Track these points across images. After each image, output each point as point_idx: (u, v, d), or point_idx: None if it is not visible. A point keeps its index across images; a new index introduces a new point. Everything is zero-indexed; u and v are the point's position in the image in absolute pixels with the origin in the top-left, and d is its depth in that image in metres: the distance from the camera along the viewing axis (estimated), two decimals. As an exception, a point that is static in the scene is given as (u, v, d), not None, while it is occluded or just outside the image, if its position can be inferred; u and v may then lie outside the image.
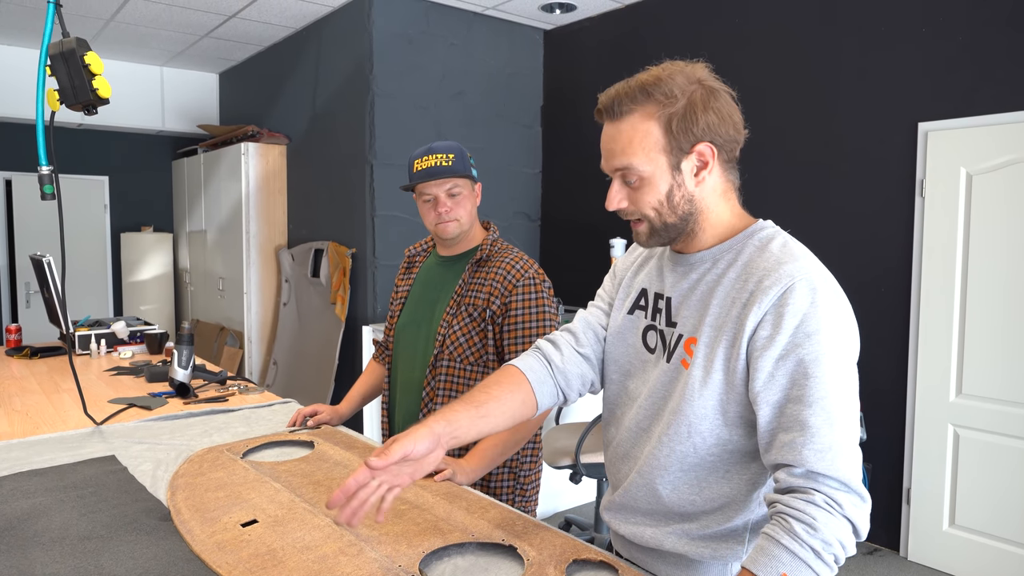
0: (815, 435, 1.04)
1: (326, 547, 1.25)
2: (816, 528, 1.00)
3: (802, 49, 3.92)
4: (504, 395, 1.28)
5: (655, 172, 1.15)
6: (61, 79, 1.74)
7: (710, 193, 1.18)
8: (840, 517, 1.01)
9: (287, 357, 5.55)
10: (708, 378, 1.15)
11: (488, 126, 5.13)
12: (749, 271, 1.14)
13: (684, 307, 1.21)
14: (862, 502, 1.03)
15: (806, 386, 1.06)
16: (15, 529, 1.34)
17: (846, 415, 1.06)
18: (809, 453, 1.03)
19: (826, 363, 1.06)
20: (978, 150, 3.32)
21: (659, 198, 1.16)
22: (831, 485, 1.02)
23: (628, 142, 1.15)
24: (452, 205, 1.93)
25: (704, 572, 1.22)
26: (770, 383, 1.08)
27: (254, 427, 2.10)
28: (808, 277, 1.09)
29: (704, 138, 1.14)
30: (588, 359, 1.37)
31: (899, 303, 3.61)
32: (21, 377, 2.87)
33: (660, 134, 1.14)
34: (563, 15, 5.01)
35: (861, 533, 1.03)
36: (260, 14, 5.01)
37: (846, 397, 1.07)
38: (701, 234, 1.21)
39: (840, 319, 1.09)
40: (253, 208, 5.68)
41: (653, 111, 1.14)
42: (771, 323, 1.08)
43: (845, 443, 1.04)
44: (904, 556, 3.61)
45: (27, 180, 6.52)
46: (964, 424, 3.41)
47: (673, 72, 1.15)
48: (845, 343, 1.09)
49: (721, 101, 1.15)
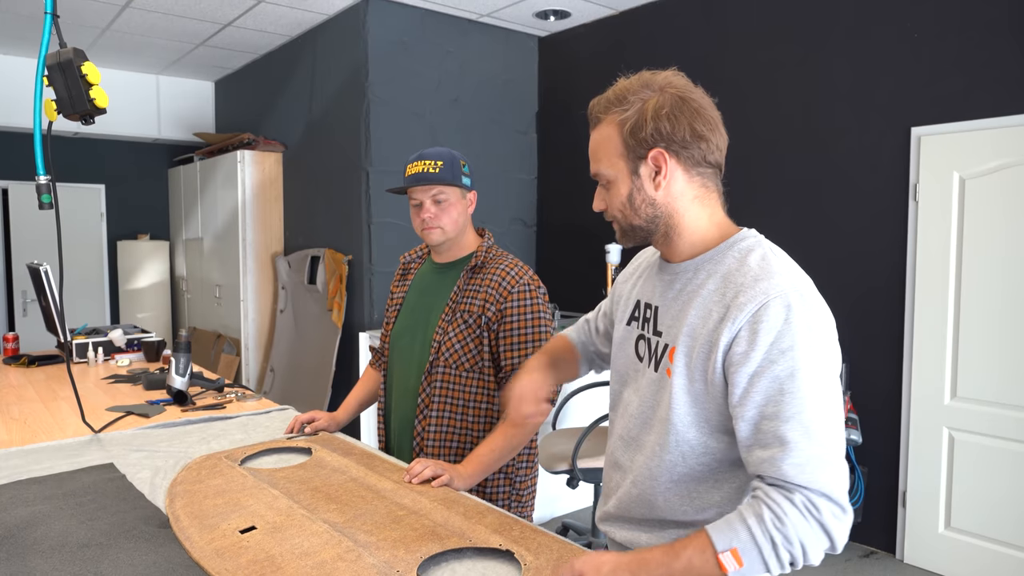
0: (793, 450, 1.04)
1: (324, 553, 1.25)
2: (784, 523, 1.02)
3: (795, 54, 3.95)
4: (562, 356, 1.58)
5: (617, 176, 1.21)
6: (58, 89, 1.75)
7: (679, 198, 1.20)
8: (814, 522, 1.02)
9: (284, 364, 5.55)
10: (689, 387, 1.17)
11: (483, 132, 5.14)
12: (727, 284, 1.15)
13: (668, 316, 1.23)
14: (843, 514, 1.04)
15: (781, 402, 1.06)
16: (14, 537, 1.34)
17: (825, 428, 1.05)
18: (788, 467, 1.04)
19: (801, 378, 1.06)
20: (971, 154, 3.34)
21: (622, 200, 1.22)
22: (811, 493, 1.03)
23: (597, 148, 1.24)
24: (436, 212, 1.94)
25: None
26: (745, 399, 1.09)
27: (252, 434, 2.10)
28: (783, 294, 1.09)
29: (656, 144, 1.16)
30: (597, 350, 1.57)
31: (893, 307, 3.63)
32: (19, 385, 2.87)
33: (618, 141, 1.20)
34: (557, 22, 5.04)
35: (836, 545, 1.04)
36: (255, 22, 5.02)
37: (824, 411, 1.06)
38: (679, 240, 1.23)
39: (815, 334, 1.08)
40: (249, 215, 5.68)
41: (614, 119, 1.20)
42: (746, 339, 1.09)
43: (826, 455, 1.04)
44: (900, 559, 3.62)
45: (24, 189, 6.52)
46: (959, 427, 3.42)
47: (635, 82, 1.20)
48: (821, 358, 1.08)
49: (684, 108, 1.16)
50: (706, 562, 1.04)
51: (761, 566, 1.03)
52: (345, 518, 1.41)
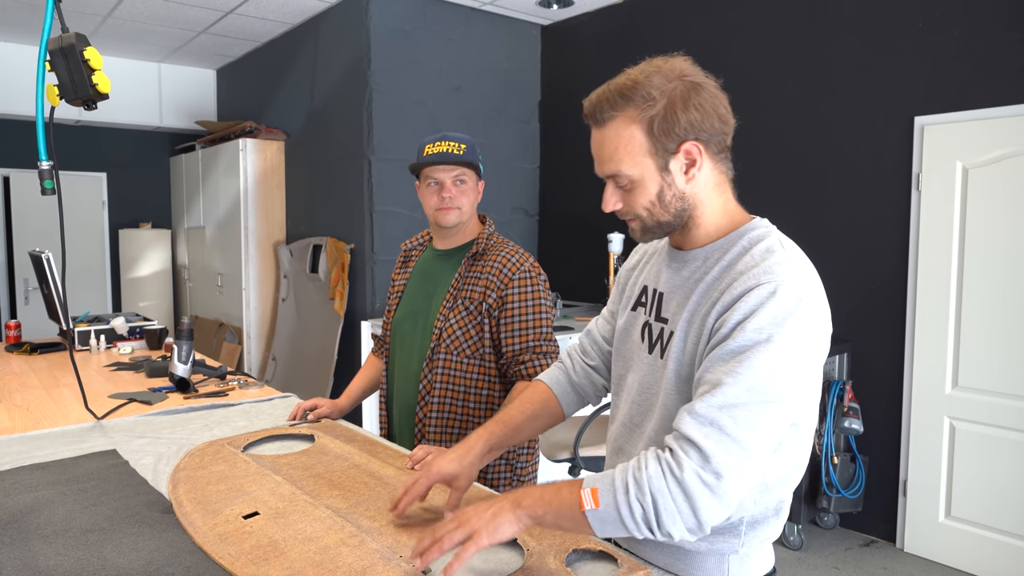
0: (711, 396, 1.03)
1: (327, 538, 1.26)
2: (641, 471, 1.03)
3: (799, 43, 3.93)
4: (537, 412, 1.48)
5: (644, 175, 1.15)
6: (61, 74, 1.74)
7: (703, 187, 1.18)
8: (671, 478, 1.01)
9: (286, 352, 5.56)
10: (682, 372, 1.17)
11: (486, 121, 5.13)
12: (727, 272, 1.14)
13: (672, 302, 1.22)
14: (714, 480, 1.00)
15: (740, 363, 1.04)
16: (18, 522, 1.35)
17: (753, 410, 1.02)
18: (694, 407, 1.03)
19: (763, 354, 1.03)
20: (974, 144, 3.33)
21: (650, 199, 1.17)
22: (685, 446, 1.02)
23: (614, 149, 1.15)
24: (456, 192, 1.94)
25: (702, 563, 1.22)
26: (707, 362, 1.08)
27: (254, 421, 2.11)
28: (772, 282, 1.06)
29: (688, 136, 1.12)
30: (597, 369, 1.49)
31: (895, 296, 3.62)
32: (21, 373, 2.88)
33: (643, 138, 1.13)
34: (560, 10, 5.01)
35: (699, 513, 1.00)
36: (257, 10, 5.00)
37: (766, 395, 1.03)
38: (696, 229, 1.21)
39: (793, 323, 1.05)
40: (251, 204, 5.68)
41: (634, 115, 1.13)
42: (724, 320, 1.08)
43: (731, 428, 1.01)
44: (900, 548, 3.63)
45: (25, 176, 6.52)
46: (960, 416, 3.43)
47: (650, 72, 1.13)
48: (790, 344, 1.04)
49: (704, 95, 1.13)
50: (572, 494, 1.07)
51: (615, 513, 1.03)
52: (348, 504, 1.41)
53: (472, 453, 1.40)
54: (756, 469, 1.04)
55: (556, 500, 1.09)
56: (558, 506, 1.08)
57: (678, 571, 1.24)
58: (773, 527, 1.21)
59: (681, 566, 1.24)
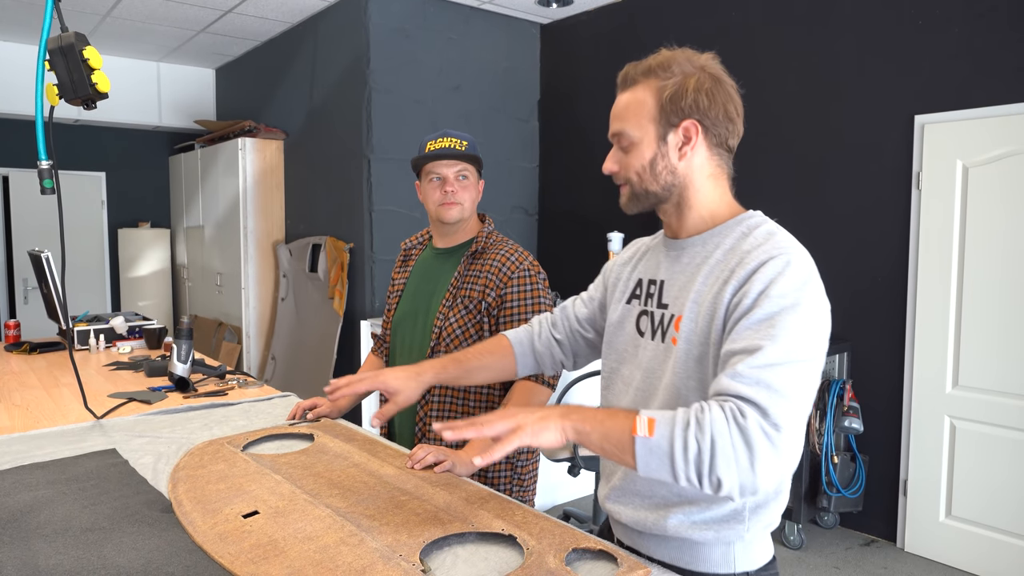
0: (757, 356, 1.05)
1: (327, 537, 1.26)
2: (704, 413, 1.03)
3: (799, 42, 3.93)
4: (491, 363, 1.58)
5: (643, 139, 1.24)
6: (60, 74, 1.74)
7: (696, 171, 1.25)
8: (734, 424, 1.01)
9: (286, 352, 5.56)
10: (693, 351, 1.19)
11: (485, 120, 5.13)
12: (732, 252, 1.20)
13: (674, 288, 1.27)
14: (775, 432, 1.01)
15: (773, 326, 1.07)
16: (18, 521, 1.35)
17: (795, 366, 1.05)
18: (740, 370, 1.05)
19: (791, 318, 1.08)
20: (974, 142, 3.33)
21: (643, 163, 1.25)
22: (744, 403, 1.03)
23: (626, 108, 1.26)
24: (459, 187, 1.95)
25: (708, 554, 1.22)
26: (735, 334, 1.11)
27: (254, 420, 2.10)
28: (783, 253, 1.13)
29: (691, 115, 1.21)
30: (561, 343, 1.56)
31: (896, 295, 3.62)
32: (20, 372, 2.87)
33: (653, 105, 1.23)
34: (560, 9, 5.01)
35: (756, 461, 1.00)
36: (256, 9, 5.00)
37: (803, 351, 1.07)
38: (689, 212, 1.27)
39: (810, 287, 1.11)
40: (250, 203, 5.67)
41: (653, 85, 1.23)
42: (745, 292, 1.12)
43: (779, 383, 1.03)
44: (901, 547, 3.63)
45: (24, 176, 6.51)
46: (960, 416, 3.43)
47: (680, 55, 1.24)
48: (814, 309, 1.10)
49: (717, 88, 1.22)
50: (627, 419, 1.07)
51: (668, 446, 1.03)
52: (348, 503, 1.41)
53: (419, 379, 1.56)
54: (803, 427, 1.06)
55: (608, 421, 1.10)
56: (609, 427, 1.09)
57: (684, 564, 1.23)
58: (774, 512, 1.23)
59: (687, 559, 1.24)
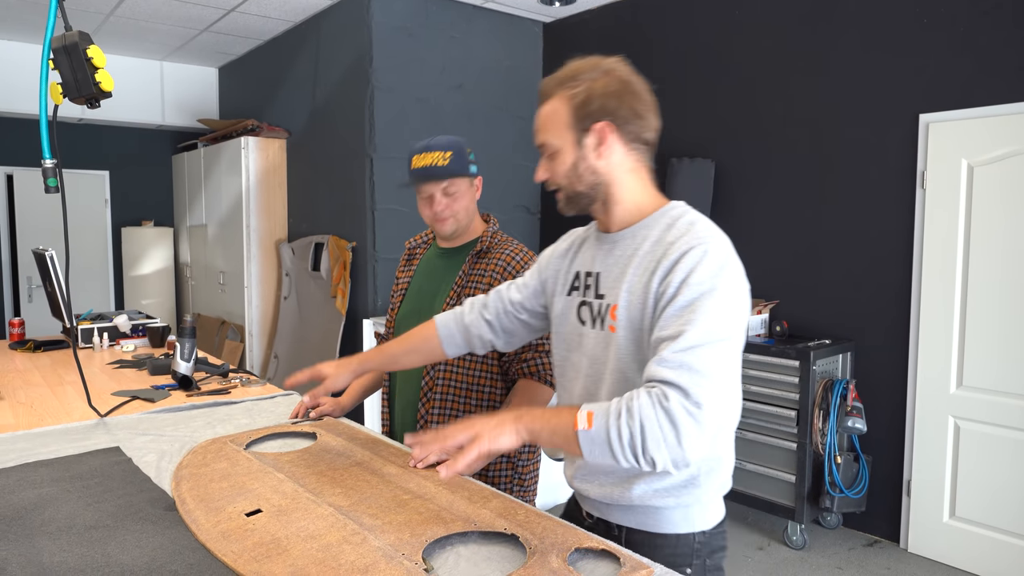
0: (678, 340, 1.16)
1: (330, 536, 1.26)
2: (633, 400, 1.14)
3: (803, 40, 3.92)
4: (416, 346, 1.73)
5: (563, 146, 1.35)
6: (64, 72, 1.74)
7: (616, 168, 1.35)
8: (659, 407, 1.12)
9: (288, 350, 5.56)
10: (631, 337, 1.30)
11: (488, 119, 5.13)
12: (659, 243, 1.30)
13: (609, 279, 1.37)
14: (696, 409, 1.11)
15: (693, 312, 1.18)
16: (22, 518, 1.35)
17: (714, 348, 1.15)
18: (665, 355, 1.15)
19: (711, 302, 1.18)
20: (979, 141, 3.32)
21: (567, 168, 1.36)
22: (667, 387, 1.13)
23: (545, 120, 1.38)
24: (448, 203, 1.94)
25: (669, 517, 1.36)
26: (662, 321, 1.22)
27: (257, 419, 2.11)
28: (702, 244, 1.24)
29: (602, 118, 1.31)
30: (490, 323, 1.65)
31: (899, 295, 3.62)
32: (25, 370, 2.88)
33: (567, 113, 1.34)
34: (562, 8, 5.00)
35: (682, 439, 1.11)
36: (259, 8, 5.00)
37: (721, 333, 1.17)
38: (616, 208, 1.38)
39: (727, 273, 1.22)
40: (253, 202, 5.68)
41: (565, 94, 1.34)
42: (668, 282, 1.24)
43: (699, 365, 1.14)
44: (904, 548, 3.63)
45: (28, 175, 6.52)
46: (964, 416, 3.42)
47: (586, 64, 1.35)
48: (730, 291, 1.21)
49: (625, 89, 1.32)
50: (569, 416, 1.20)
51: (605, 435, 1.15)
52: (350, 502, 1.41)
53: (346, 367, 1.80)
54: (727, 401, 1.17)
55: (554, 419, 1.23)
56: (555, 424, 1.22)
57: (649, 527, 1.37)
58: (725, 475, 1.38)
59: (651, 523, 1.37)
